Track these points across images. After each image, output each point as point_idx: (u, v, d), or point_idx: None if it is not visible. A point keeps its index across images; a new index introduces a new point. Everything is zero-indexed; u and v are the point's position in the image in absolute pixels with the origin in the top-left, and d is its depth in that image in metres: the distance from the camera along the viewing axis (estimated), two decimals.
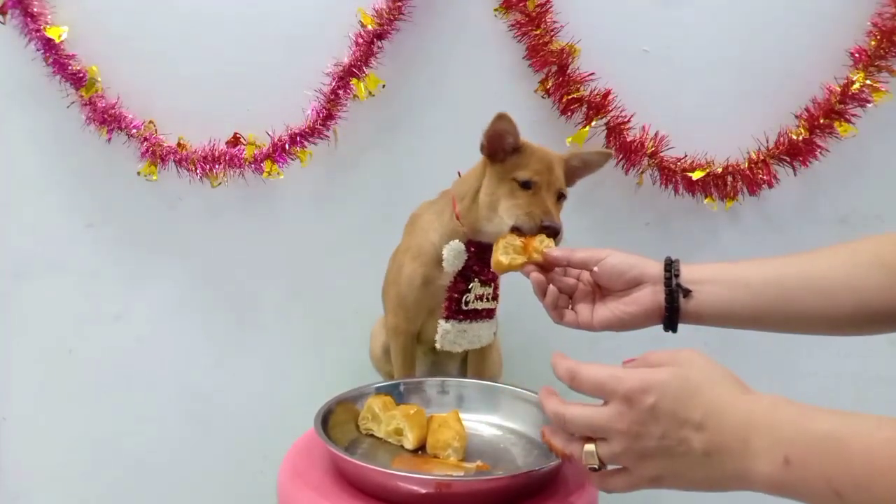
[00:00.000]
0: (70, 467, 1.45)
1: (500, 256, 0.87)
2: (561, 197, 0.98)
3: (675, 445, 0.57)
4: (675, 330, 0.78)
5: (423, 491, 0.76)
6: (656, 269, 0.78)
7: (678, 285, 0.76)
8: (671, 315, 0.77)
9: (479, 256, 1.01)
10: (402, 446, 0.90)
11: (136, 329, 1.40)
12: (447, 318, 1.03)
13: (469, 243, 1.01)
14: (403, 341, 1.10)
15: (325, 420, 0.88)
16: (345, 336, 1.38)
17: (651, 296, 0.78)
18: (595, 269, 0.81)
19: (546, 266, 0.85)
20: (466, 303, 1.02)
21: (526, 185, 0.95)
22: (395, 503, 0.77)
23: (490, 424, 0.97)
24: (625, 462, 0.60)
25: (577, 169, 1.02)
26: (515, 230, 0.93)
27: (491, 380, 1.11)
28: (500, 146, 0.97)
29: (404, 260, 1.07)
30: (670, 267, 0.77)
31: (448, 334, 1.04)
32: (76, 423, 1.43)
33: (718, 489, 0.57)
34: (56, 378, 1.41)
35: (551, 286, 0.84)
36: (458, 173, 1.07)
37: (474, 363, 1.13)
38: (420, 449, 0.89)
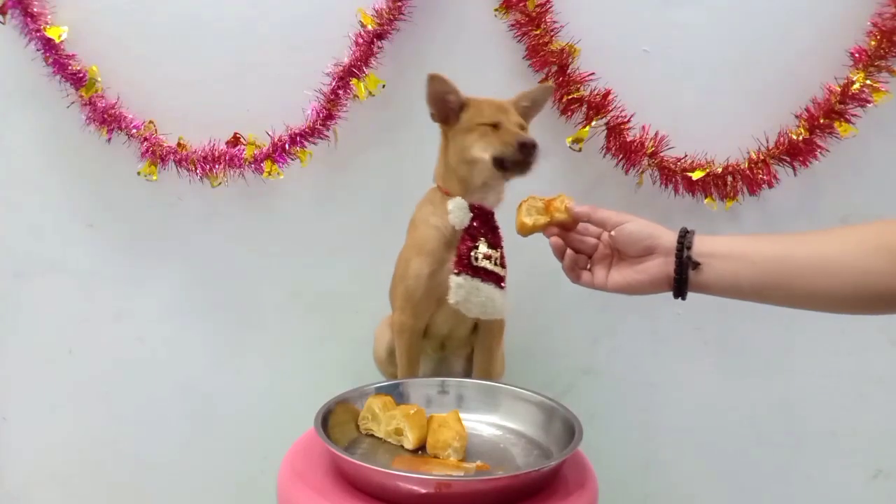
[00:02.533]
0: (70, 467, 1.45)
1: (523, 218, 0.88)
2: (522, 127, 1.04)
3: None
4: (684, 297, 0.81)
5: (423, 491, 0.76)
6: (670, 240, 0.81)
7: (688, 258, 0.79)
8: (679, 285, 0.80)
9: (481, 217, 1.03)
10: (402, 446, 0.90)
11: (136, 329, 1.40)
12: (458, 273, 1.02)
13: (470, 205, 1.04)
14: (409, 339, 1.10)
15: (325, 420, 0.88)
16: (345, 336, 1.38)
17: (661, 266, 0.81)
18: (612, 233, 0.84)
19: (568, 224, 0.87)
20: (476, 258, 1.02)
21: (494, 127, 1.02)
22: (395, 503, 0.77)
23: (490, 424, 0.97)
24: None
25: (527, 109, 1.08)
26: (497, 162, 0.99)
27: (492, 379, 1.11)
28: (447, 107, 1.04)
29: (410, 255, 1.07)
30: (683, 239, 0.81)
31: (461, 288, 1.01)
32: (76, 423, 1.43)
33: None
34: (56, 378, 1.42)
35: (569, 250, 0.87)
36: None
37: (480, 362, 1.13)
38: (420, 449, 0.90)
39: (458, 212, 1.03)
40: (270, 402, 1.42)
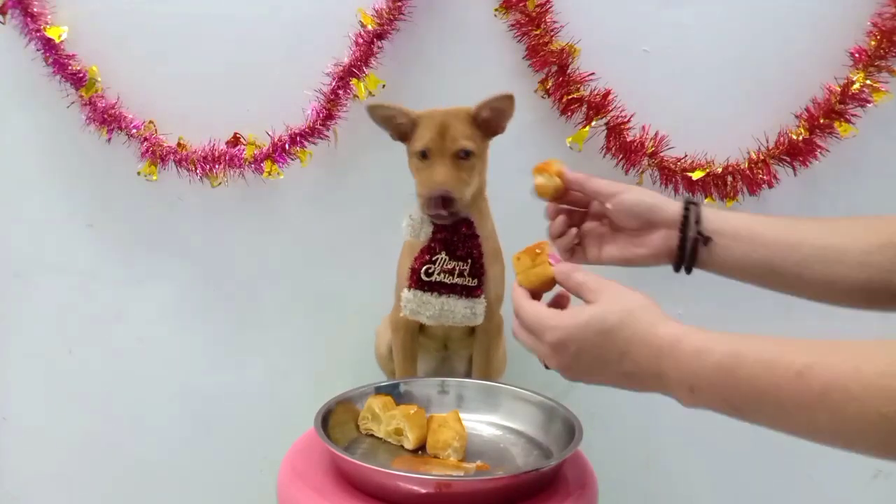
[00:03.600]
0: (70, 467, 1.45)
1: (541, 181, 0.84)
2: (466, 154, 1.00)
3: (602, 370, 0.66)
4: (689, 272, 0.78)
5: (423, 491, 0.76)
6: (674, 212, 0.78)
7: (699, 233, 0.76)
8: (683, 261, 0.77)
9: (447, 228, 1.02)
10: (402, 446, 0.90)
11: (136, 329, 1.40)
12: (409, 287, 1.03)
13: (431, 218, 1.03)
14: (403, 336, 1.11)
15: (325, 420, 0.88)
16: (345, 336, 1.38)
17: (663, 240, 0.78)
18: (609, 205, 0.80)
19: (559, 191, 0.83)
20: (429, 273, 1.02)
21: (423, 156, 1.00)
22: (395, 503, 0.77)
23: (490, 424, 0.97)
24: (562, 372, 0.69)
25: (488, 119, 1.02)
26: (422, 206, 0.99)
27: (492, 379, 1.11)
28: (400, 129, 1.03)
29: (403, 254, 1.09)
30: (688, 212, 0.77)
31: (409, 303, 1.03)
32: (76, 423, 1.43)
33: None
34: (56, 378, 1.42)
35: (572, 229, 0.84)
36: None
37: (479, 361, 1.13)
38: (420, 449, 0.90)
39: (409, 228, 1.03)
40: (270, 402, 1.42)
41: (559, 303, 0.74)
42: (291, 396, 1.39)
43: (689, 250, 0.77)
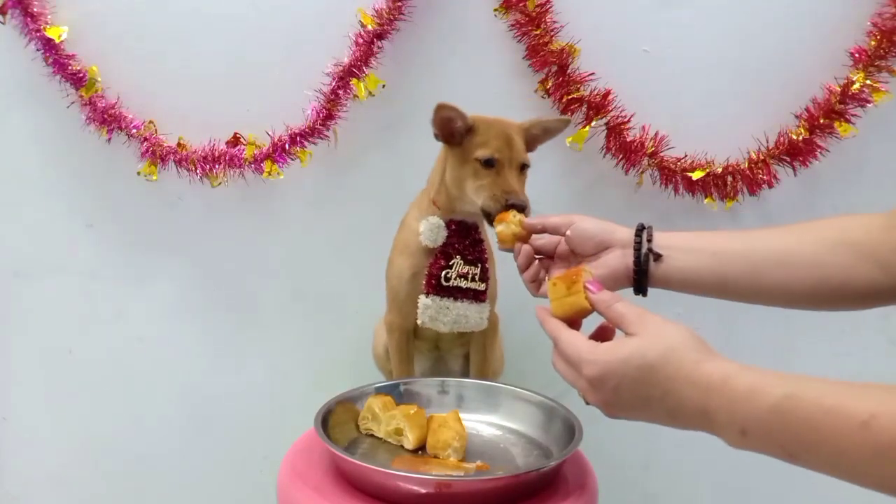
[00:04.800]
0: (70, 467, 1.45)
1: (500, 229, 0.91)
2: (524, 168, 1.01)
3: (643, 407, 0.63)
4: (644, 293, 0.81)
5: (423, 491, 0.76)
6: (626, 233, 0.82)
7: (650, 249, 0.79)
8: (640, 278, 0.80)
9: (460, 234, 1.03)
10: (402, 446, 0.90)
11: (136, 329, 1.40)
12: (427, 294, 1.03)
13: (449, 222, 1.04)
14: (399, 337, 1.10)
15: (325, 420, 0.88)
16: (345, 336, 1.38)
17: (619, 259, 0.81)
18: (568, 232, 0.84)
19: (523, 238, 0.89)
20: (447, 278, 1.02)
21: (488, 164, 0.98)
22: (395, 503, 0.77)
23: (490, 424, 0.97)
24: (601, 408, 0.66)
25: (537, 136, 1.05)
26: (485, 212, 0.97)
27: (491, 379, 1.11)
28: (451, 131, 1.01)
29: (394, 256, 1.09)
30: (641, 232, 0.80)
31: (428, 309, 1.03)
32: (76, 423, 1.43)
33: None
34: (56, 378, 1.42)
35: (535, 261, 0.88)
36: None
37: (476, 361, 1.13)
38: (420, 449, 0.90)
39: (428, 233, 1.03)
40: (270, 402, 1.42)
41: (603, 334, 0.72)
42: (291, 396, 1.39)
43: (643, 266, 0.79)
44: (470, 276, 1.03)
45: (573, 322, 0.73)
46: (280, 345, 1.41)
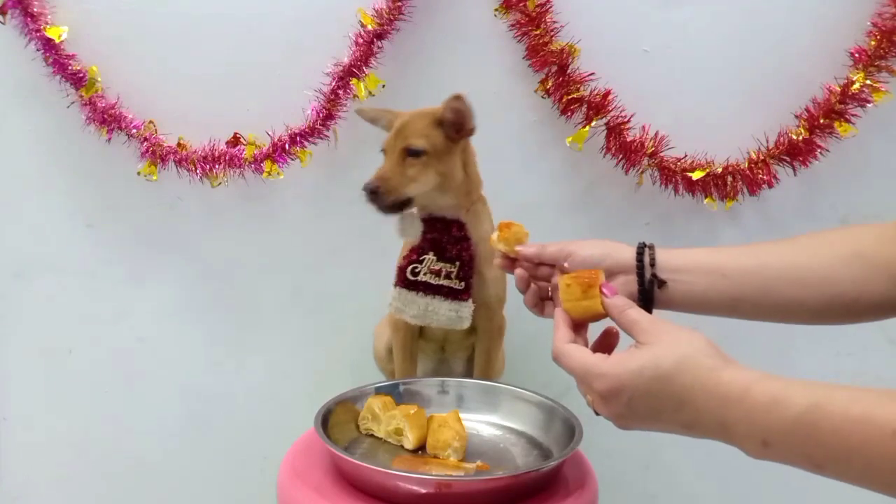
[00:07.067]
0: (70, 467, 1.45)
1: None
2: (410, 153, 1.01)
3: (658, 418, 0.62)
4: (650, 313, 0.78)
5: (423, 491, 0.76)
6: (628, 256, 0.78)
7: (653, 276, 0.76)
8: (645, 304, 0.76)
9: (437, 229, 1.04)
10: (402, 446, 0.90)
11: (136, 329, 1.40)
12: (395, 285, 1.04)
13: (427, 217, 1.05)
14: (404, 336, 1.11)
15: (325, 420, 0.88)
16: (345, 336, 1.38)
17: (625, 285, 0.77)
18: (566, 264, 0.79)
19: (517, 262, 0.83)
20: (415, 273, 1.03)
21: (383, 153, 1.04)
22: (395, 503, 0.77)
23: (490, 424, 0.97)
24: (614, 421, 0.65)
25: (452, 121, 1.02)
26: None
27: (492, 379, 1.11)
28: (386, 129, 1.06)
29: (402, 254, 1.09)
30: (642, 255, 0.77)
31: (395, 301, 1.04)
32: (76, 423, 1.43)
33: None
34: (56, 378, 1.41)
35: (532, 284, 0.83)
36: None
37: (480, 363, 1.13)
38: (420, 449, 0.89)
39: (399, 223, 1.04)
40: (270, 402, 1.42)
41: (607, 341, 0.71)
42: (291, 396, 1.39)
43: (647, 294, 0.76)
44: (444, 273, 1.02)
45: (581, 324, 0.72)
46: (280, 345, 1.41)
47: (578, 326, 0.72)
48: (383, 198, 1.00)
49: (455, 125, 1.02)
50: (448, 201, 1.04)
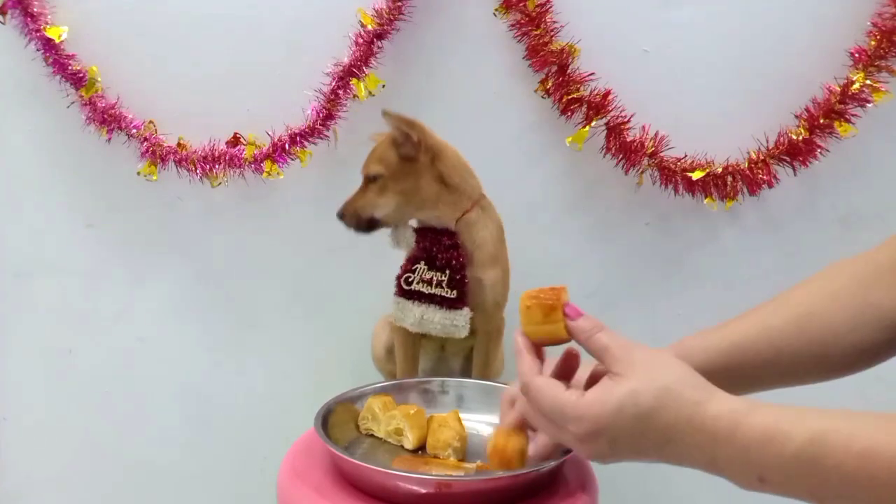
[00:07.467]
0: (70, 467, 1.45)
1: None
2: (368, 179, 1.06)
3: (642, 455, 0.58)
4: None
5: (423, 491, 0.76)
6: None
7: None
8: None
9: (429, 239, 1.06)
10: (402, 446, 0.90)
11: (136, 329, 1.40)
12: (395, 294, 1.07)
13: (420, 227, 1.07)
14: (405, 335, 1.11)
15: (325, 420, 0.88)
16: (345, 336, 1.38)
17: None
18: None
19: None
20: (408, 282, 1.05)
21: None
22: (395, 503, 0.77)
23: (490, 424, 0.97)
24: (596, 460, 0.61)
25: (401, 139, 1.04)
26: None
27: (491, 379, 1.11)
28: None
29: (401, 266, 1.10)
30: None
31: (395, 309, 1.07)
32: (76, 423, 1.43)
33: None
34: (56, 378, 1.41)
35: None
36: None
37: (479, 363, 1.13)
38: (420, 449, 0.90)
39: (392, 234, 1.08)
40: (270, 402, 1.41)
41: (568, 362, 0.67)
42: (291, 396, 1.39)
43: None
44: (434, 282, 1.04)
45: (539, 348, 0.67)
46: (280, 345, 1.41)
47: (538, 348, 0.67)
48: (348, 221, 1.07)
49: (403, 142, 1.04)
50: (429, 214, 1.06)
